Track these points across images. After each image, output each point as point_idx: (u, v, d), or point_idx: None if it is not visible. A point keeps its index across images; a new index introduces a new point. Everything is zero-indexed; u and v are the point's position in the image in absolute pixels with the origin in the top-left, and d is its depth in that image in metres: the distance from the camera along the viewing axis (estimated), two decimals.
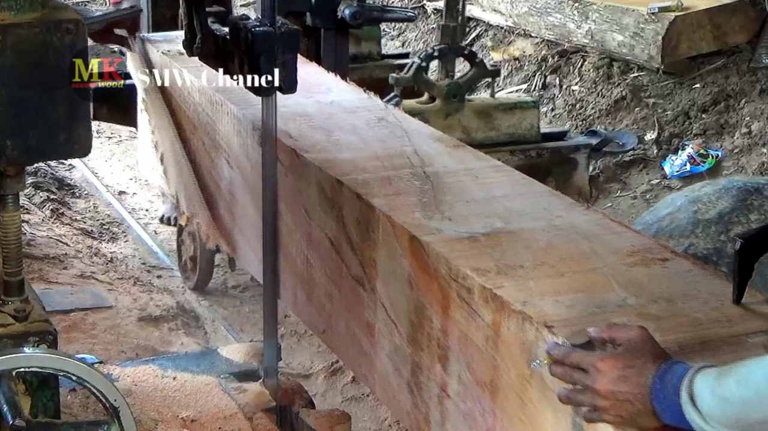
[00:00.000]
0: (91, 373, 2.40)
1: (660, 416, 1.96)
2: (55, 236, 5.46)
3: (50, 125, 2.51)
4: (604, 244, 2.73)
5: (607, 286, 2.49)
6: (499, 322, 2.45)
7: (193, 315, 4.90)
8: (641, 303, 2.41)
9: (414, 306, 2.80)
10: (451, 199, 3.03)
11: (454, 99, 5.11)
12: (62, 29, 2.48)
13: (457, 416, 2.66)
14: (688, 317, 2.35)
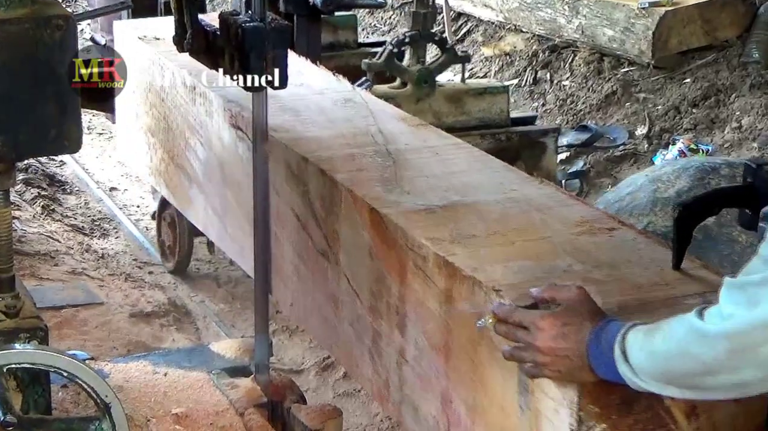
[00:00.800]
0: (82, 369, 2.40)
1: (595, 370, 2.06)
2: (46, 232, 5.46)
3: (40, 121, 2.51)
4: (555, 215, 2.83)
5: (554, 253, 2.60)
6: (451, 288, 2.56)
7: (184, 311, 4.89)
8: (586, 269, 2.51)
9: (374, 276, 2.90)
10: (411, 174, 3.13)
11: (425, 84, 5.21)
12: (52, 25, 2.48)
13: (414, 380, 2.77)
14: (629, 281, 2.46)
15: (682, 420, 2.26)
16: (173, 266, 5.20)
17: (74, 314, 4.54)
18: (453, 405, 2.61)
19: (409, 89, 5.19)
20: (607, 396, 2.18)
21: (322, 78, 4.08)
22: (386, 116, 3.69)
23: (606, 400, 2.18)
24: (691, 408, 2.25)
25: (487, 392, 2.47)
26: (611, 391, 2.17)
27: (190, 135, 4.15)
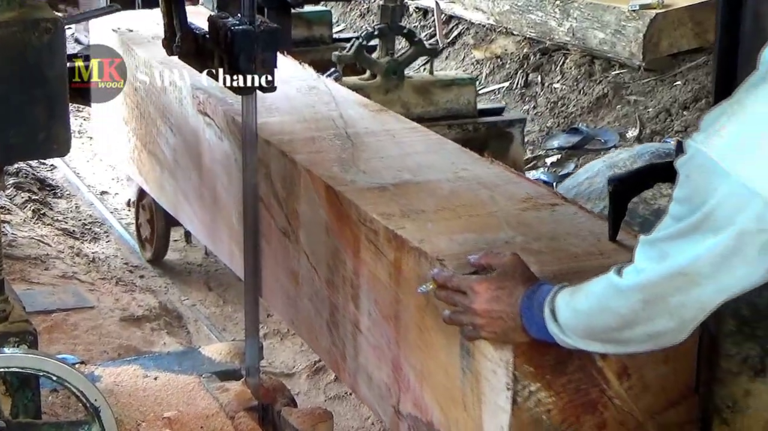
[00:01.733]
0: (71, 373, 2.40)
1: (528, 330, 2.18)
2: (37, 236, 5.45)
3: (29, 125, 2.51)
4: (502, 192, 2.98)
5: (498, 227, 2.74)
6: (400, 259, 2.69)
7: (175, 315, 4.89)
8: (527, 240, 2.65)
9: (330, 251, 3.04)
10: (367, 155, 3.27)
11: (393, 76, 5.31)
12: (40, 28, 2.48)
13: (367, 349, 2.91)
14: (566, 251, 2.59)
15: (613, 380, 2.39)
16: (151, 256, 5.29)
17: (65, 318, 4.53)
18: (403, 371, 2.74)
19: (379, 81, 5.30)
20: (541, 356, 2.30)
21: (289, 67, 4.20)
22: (348, 102, 3.85)
23: (540, 361, 2.30)
24: (622, 369, 2.38)
25: (433, 357, 2.59)
26: (545, 352, 2.28)
27: (161, 123, 4.29)
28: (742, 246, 1.71)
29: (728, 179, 1.67)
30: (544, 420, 2.36)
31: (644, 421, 2.46)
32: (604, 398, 2.41)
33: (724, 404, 2.32)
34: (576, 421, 2.39)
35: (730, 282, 1.78)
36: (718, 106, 1.76)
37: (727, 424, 2.32)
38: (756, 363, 2.28)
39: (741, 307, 2.24)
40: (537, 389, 2.33)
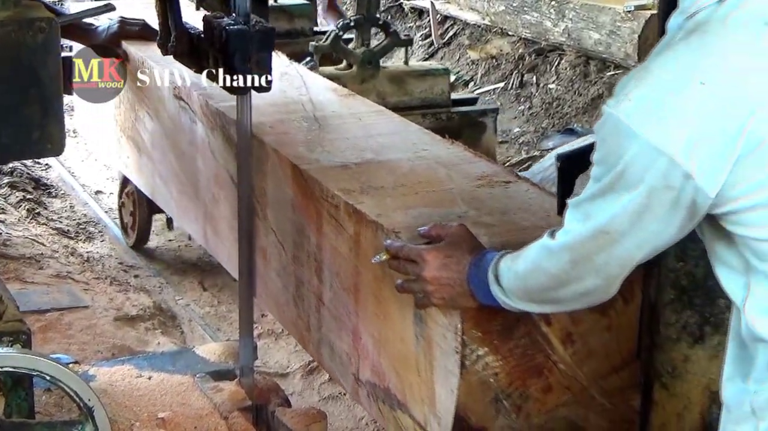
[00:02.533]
0: (65, 373, 2.40)
1: (475, 296, 2.29)
2: (31, 235, 5.44)
3: (23, 124, 2.51)
4: (459, 170, 3.10)
5: (453, 202, 2.86)
6: (359, 233, 2.81)
7: (169, 315, 4.89)
8: (479, 214, 2.76)
9: (296, 228, 3.18)
10: (333, 137, 3.39)
11: (369, 66, 5.40)
12: (35, 28, 2.48)
13: (330, 320, 3.04)
14: (516, 225, 2.72)
15: (558, 345, 2.51)
16: (133, 242, 5.47)
17: (59, 317, 4.53)
18: (362, 340, 2.86)
19: (355, 70, 5.38)
20: (489, 322, 2.42)
21: None
22: (318, 87, 3.98)
23: (487, 326, 2.43)
24: (566, 335, 2.50)
25: (390, 325, 2.71)
26: (492, 318, 2.41)
27: (139, 108, 4.42)
28: (653, 203, 1.80)
29: (637, 140, 1.76)
30: (491, 383, 2.47)
31: (588, 385, 2.55)
32: (550, 363, 2.51)
33: (664, 369, 2.44)
34: (522, 385, 2.50)
35: (646, 238, 1.87)
36: (629, 72, 1.85)
37: (667, 388, 2.45)
38: (694, 330, 2.41)
39: (680, 277, 2.39)
40: (484, 353, 2.45)
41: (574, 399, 2.56)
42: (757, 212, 1.77)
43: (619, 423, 2.61)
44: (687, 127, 1.74)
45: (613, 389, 2.59)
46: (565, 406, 2.55)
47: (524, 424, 2.53)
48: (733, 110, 1.72)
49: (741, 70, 1.73)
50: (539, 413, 2.54)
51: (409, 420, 2.68)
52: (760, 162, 1.73)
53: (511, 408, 2.51)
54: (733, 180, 1.75)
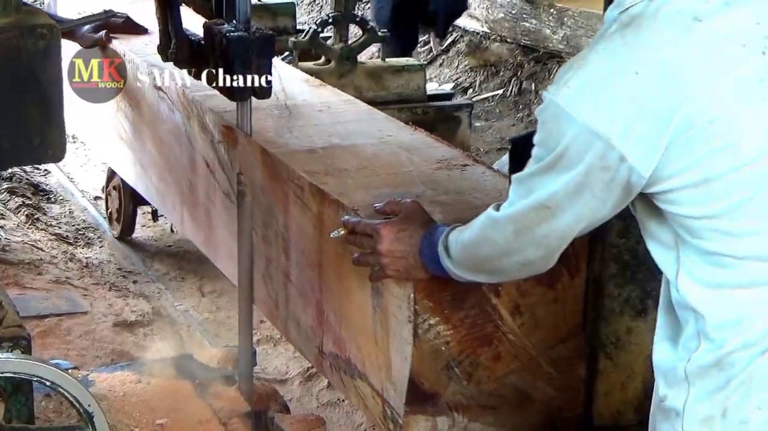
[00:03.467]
0: (65, 378, 2.40)
1: (427, 267, 2.41)
2: (30, 241, 5.44)
3: (24, 130, 2.51)
4: (419, 154, 3.25)
5: (412, 183, 3.00)
6: (322, 211, 2.94)
7: (168, 320, 4.88)
8: (435, 194, 2.90)
9: (265, 209, 3.30)
10: (302, 123, 3.51)
11: (347, 61, 5.54)
12: (36, 34, 2.49)
13: (296, 296, 3.18)
14: (469, 203, 2.83)
15: (507, 316, 2.63)
16: (118, 233, 5.63)
17: (58, 323, 4.53)
18: (325, 314, 3.00)
19: (333, 66, 5.50)
20: (440, 293, 2.55)
21: None
22: (291, 78, 4.09)
23: (439, 296, 2.56)
24: (515, 307, 2.63)
25: (350, 299, 2.85)
26: (443, 289, 2.54)
27: (120, 98, 4.51)
28: (590, 182, 1.93)
29: (575, 124, 1.88)
30: (443, 350, 2.60)
31: (536, 355, 2.68)
32: (499, 333, 2.63)
33: (608, 340, 2.63)
34: (473, 353, 2.62)
35: (583, 213, 1.99)
36: (568, 61, 1.98)
37: (611, 359, 2.63)
38: (637, 303, 2.60)
39: (622, 253, 2.57)
40: (436, 322, 2.58)
41: (522, 367, 2.68)
42: (687, 192, 1.88)
43: (565, 391, 2.72)
44: (622, 112, 1.86)
45: (560, 358, 2.70)
46: (513, 374, 2.67)
47: (474, 390, 2.65)
48: (664, 98, 1.84)
49: (672, 61, 1.85)
50: (489, 380, 2.66)
51: (368, 388, 2.81)
52: (689, 146, 1.85)
53: (462, 375, 2.63)
54: (665, 162, 1.87)
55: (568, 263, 2.63)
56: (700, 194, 1.88)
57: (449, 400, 2.65)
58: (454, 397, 2.64)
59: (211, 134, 3.64)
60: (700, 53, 1.86)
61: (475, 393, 2.66)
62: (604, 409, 2.69)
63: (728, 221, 1.88)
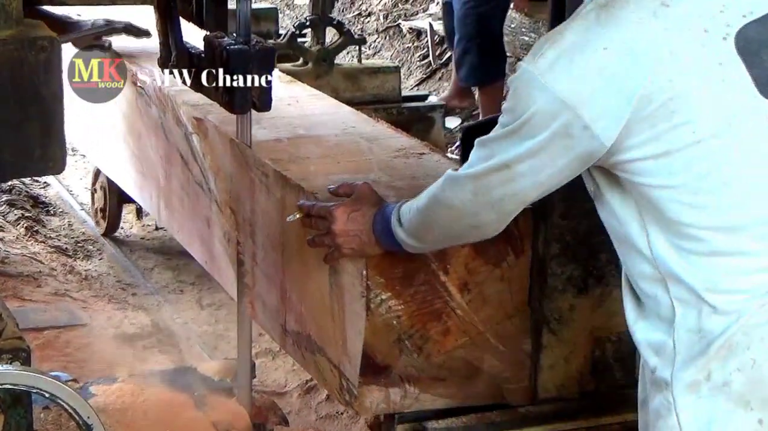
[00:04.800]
0: (64, 390, 2.40)
1: (381, 243, 2.52)
2: (30, 253, 5.45)
3: (24, 142, 2.52)
4: (380, 144, 3.41)
5: (370, 170, 3.13)
6: (284, 196, 3.07)
7: (167, 333, 4.88)
8: (392, 180, 3.04)
9: (234, 196, 3.45)
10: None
11: (324, 63, 5.72)
12: (37, 47, 2.49)
13: (262, 278, 3.31)
14: (423, 187, 2.78)
15: (456, 293, 2.75)
16: (104, 230, 5.79)
17: (57, 335, 4.53)
18: (288, 293, 3.12)
19: (310, 67, 5.66)
20: (391, 269, 2.68)
21: None
22: None
23: (390, 273, 2.69)
24: (463, 284, 2.75)
25: (309, 278, 2.97)
26: (394, 266, 2.67)
27: None
28: (552, 149, 2.03)
29: (546, 92, 1.99)
30: (394, 324, 2.73)
31: (484, 330, 2.81)
32: (448, 308, 2.76)
33: (552, 317, 2.80)
34: (423, 327, 2.75)
35: (540, 180, 2.09)
36: (545, 35, 2.11)
37: (555, 334, 2.81)
38: (579, 281, 2.79)
39: (564, 233, 2.75)
40: (387, 297, 2.70)
41: (470, 341, 2.80)
42: (648, 163, 1.98)
43: (512, 364, 2.85)
44: (589, 84, 1.98)
45: (507, 333, 2.83)
46: (462, 348, 2.80)
47: (425, 363, 2.78)
48: (628, 74, 1.96)
49: (637, 40, 1.98)
50: (439, 353, 2.79)
51: (326, 363, 2.93)
52: (650, 121, 1.96)
53: (412, 348, 2.76)
54: (626, 134, 1.97)
55: (513, 243, 2.78)
56: (661, 165, 1.98)
57: (401, 372, 2.78)
58: (405, 369, 2.77)
59: (185, 127, 3.78)
60: (663, 35, 1.98)
61: (426, 366, 2.78)
62: (549, 382, 2.86)
63: (687, 194, 1.98)
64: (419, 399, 2.81)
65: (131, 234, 5.94)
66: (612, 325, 2.85)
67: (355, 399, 2.79)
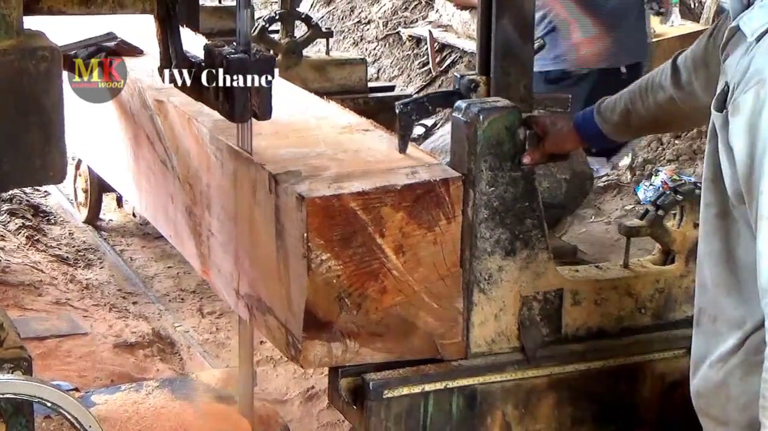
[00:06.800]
0: (66, 399, 2.40)
1: None
2: (31, 262, 5.45)
3: (25, 152, 2.52)
4: (328, 121, 3.60)
5: (316, 144, 3.32)
6: (237, 169, 3.25)
7: (168, 342, 4.89)
8: (335, 152, 3.24)
9: (192, 172, 3.62)
10: None
11: (293, 55, 5.97)
12: (37, 57, 2.49)
13: (217, 247, 3.50)
14: (363, 159, 3.18)
15: (391, 255, 2.94)
16: (85, 218, 6.12)
17: (58, 344, 4.53)
18: (240, 260, 3.32)
19: (279, 59, 5.83)
20: (330, 232, 2.87)
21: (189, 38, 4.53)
22: None
23: (329, 235, 2.87)
24: (398, 246, 2.94)
25: (259, 244, 3.15)
26: (333, 229, 2.87)
27: None
28: None
29: None
30: (334, 283, 2.90)
31: (419, 290, 2.99)
32: (384, 269, 2.94)
33: (482, 277, 3.07)
34: (361, 286, 2.93)
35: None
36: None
37: (485, 293, 3.07)
38: (506, 244, 3.07)
39: (491, 200, 3.02)
40: (327, 258, 2.88)
41: (406, 300, 2.99)
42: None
43: (445, 321, 3.06)
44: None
45: (440, 293, 3.03)
46: (398, 306, 2.98)
47: (364, 320, 2.97)
48: None
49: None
50: (376, 311, 2.97)
51: (275, 321, 3.10)
52: None
53: (352, 305, 2.94)
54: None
55: (445, 209, 2.98)
56: None
57: (342, 328, 2.96)
58: (345, 325, 2.96)
59: (150, 109, 3.91)
60: None
61: (365, 322, 2.97)
62: (480, 338, 3.11)
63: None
64: (359, 353, 3.00)
65: (132, 243, 5.95)
66: (538, 285, 3.14)
67: (300, 353, 2.96)
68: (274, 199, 3.03)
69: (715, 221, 2.35)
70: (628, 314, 3.29)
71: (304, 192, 2.88)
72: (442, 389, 3.08)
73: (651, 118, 2.91)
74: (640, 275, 3.31)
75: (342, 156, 3.20)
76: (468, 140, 3.03)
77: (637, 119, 2.93)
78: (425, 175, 3.01)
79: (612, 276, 3.29)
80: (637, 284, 3.30)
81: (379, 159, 3.18)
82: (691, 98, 2.76)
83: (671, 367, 3.32)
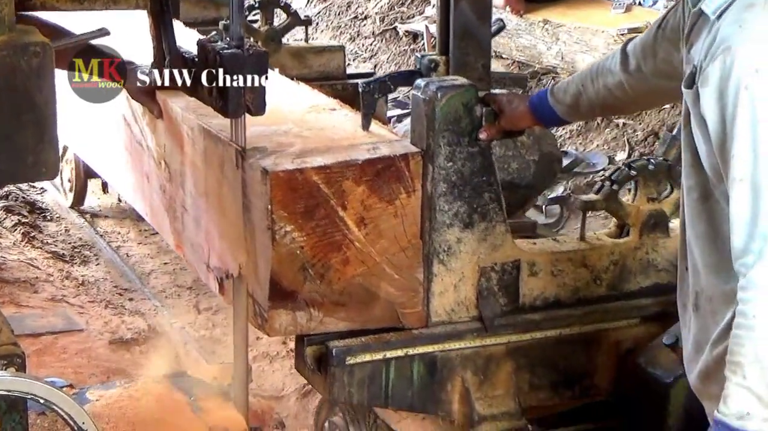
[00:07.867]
0: (60, 396, 2.40)
1: None
2: (26, 259, 5.45)
3: (17, 148, 2.51)
4: (296, 101, 3.73)
5: (284, 122, 3.44)
6: (207, 147, 3.38)
7: (164, 338, 4.88)
8: (301, 130, 3.35)
9: (168, 151, 3.74)
10: None
11: (272, 42, 6.04)
12: (29, 53, 2.48)
13: (190, 222, 3.64)
14: (327, 136, 3.31)
15: (353, 227, 3.05)
16: (71, 202, 6.27)
17: (54, 341, 4.53)
18: (211, 233, 3.45)
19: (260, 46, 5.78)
20: (293, 205, 2.98)
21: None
22: None
23: (292, 208, 2.99)
24: (360, 219, 3.05)
25: (227, 218, 3.28)
26: (297, 201, 2.98)
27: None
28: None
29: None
30: (298, 254, 3.01)
31: (380, 261, 3.10)
32: (347, 241, 3.05)
33: (441, 248, 3.18)
34: (324, 257, 3.04)
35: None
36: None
37: (444, 264, 3.18)
38: (465, 217, 3.17)
39: (450, 174, 3.12)
40: (291, 230, 2.99)
41: (368, 271, 3.10)
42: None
43: (406, 291, 3.16)
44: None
45: (401, 264, 3.14)
46: (361, 276, 3.10)
47: (327, 289, 3.08)
48: None
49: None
50: (339, 281, 3.08)
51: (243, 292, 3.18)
52: None
53: (315, 275, 3.05)
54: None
55: (405, 183, 3.09)
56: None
57: (306, 297, 3.07)
58: (310, 295, 3.07)
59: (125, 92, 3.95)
60: None
61: (328, 292, 3.08)
62: (440, 307, 3.21)
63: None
64: (323, 322, 3.11)
65: (128, 239, 5.95)
66: (496, 256, 3.24)
67: (266, 322, 3.09)
68: (241, 174, 3.13)
69: (698, 205, 2.43)
70: (583, 285, 3.39)
71: (269, 166, 2.98)
72: (403, 356, 3.18)
73: (600, 101, 3.04)
74: (596, 248, 3.41)
75: (307, 133, 3.32)
76: (427, 116, 3.13)
77: (587, 101, 3.06)
78: (386, 150, 3.11)
79: (568, 248, 3.39)
80: (592, 256, 3.39)
81: (342, 136, 3.29)
82: (639, 83, 2.90)
83: (626, 335, 3.43)
